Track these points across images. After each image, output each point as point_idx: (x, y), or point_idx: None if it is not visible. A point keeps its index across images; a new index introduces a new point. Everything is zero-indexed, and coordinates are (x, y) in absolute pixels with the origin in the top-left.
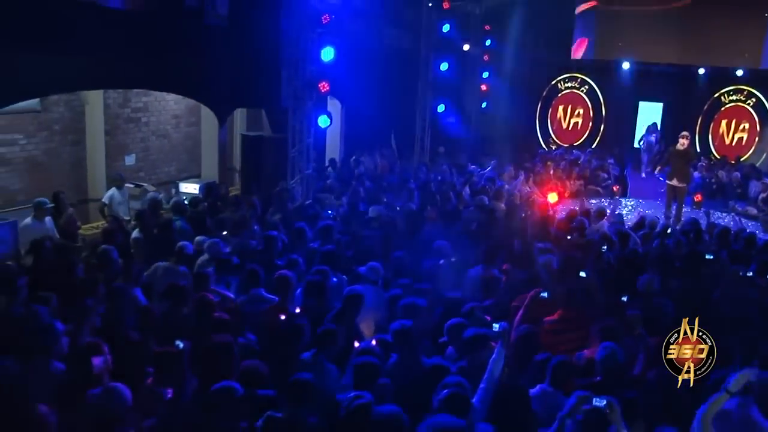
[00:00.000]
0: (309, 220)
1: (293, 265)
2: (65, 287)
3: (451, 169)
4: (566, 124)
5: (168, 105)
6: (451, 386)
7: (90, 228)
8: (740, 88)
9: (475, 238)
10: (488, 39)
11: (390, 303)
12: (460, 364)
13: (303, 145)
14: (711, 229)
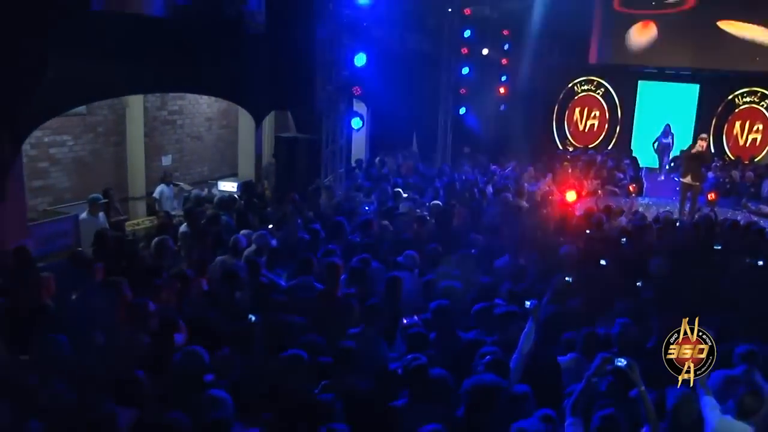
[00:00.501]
0: (346, 216)
1: (331, 255)
2: (131, 273)
3: (474, 169)
4: (583, 126)
5: (201, 108)
6: (491, 354)
7: (131, 224)
8: (754, 90)
9: (499, 231)
10: (506, 43)
11: (426, 287)
12: (494, 338)
13: (336, 145)
14: (722, 224)
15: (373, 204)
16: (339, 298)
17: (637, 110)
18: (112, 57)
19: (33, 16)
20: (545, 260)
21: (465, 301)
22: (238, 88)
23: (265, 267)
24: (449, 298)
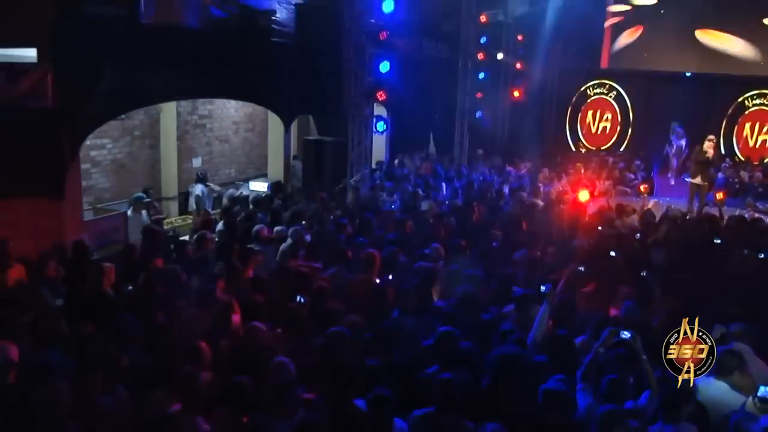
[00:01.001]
0: (373, 213)
1: (363, 248)
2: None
3: (491, 170)
4: (595, 129)
5: (229, 113)
6: (509, 331)
7: (167, 222)
8: (764, 92)
9: (515, 228)
10: (521, 48)
11: (450, 276)
12: (513, 317)
13: (361, 147)
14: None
15: (396, 202)
16: (377, 284)
17: (650, 112)
18: (157, 66)
19: (90, 30)
20: (559, 253)
21: (488, 289)
22: (268, 94)
23: (301, 259)
24: (473, 284)
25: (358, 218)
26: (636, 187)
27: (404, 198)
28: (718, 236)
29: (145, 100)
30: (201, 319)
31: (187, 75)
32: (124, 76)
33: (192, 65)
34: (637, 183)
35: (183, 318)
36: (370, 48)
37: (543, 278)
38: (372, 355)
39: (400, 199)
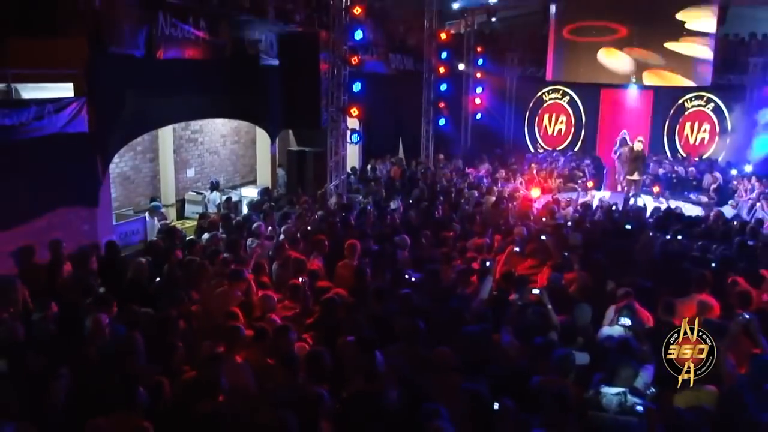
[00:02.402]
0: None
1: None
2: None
3: (453, 172)
4: (551, 131)
5: (217, 127)
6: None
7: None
8: (701, 95)
9: (470, 221)
10: (480, 58)
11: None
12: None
13: (338, 156)
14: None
15: (370, 204)
16: (357, 266)
17: (600, 115)
18: (168, 94)
19: (115, 67)
20: (503, 239)
21: (448, 267)
22: (257, 112)
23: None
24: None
25: (339, 217)
26: (583, 184)
27: (376, 198)
28: (633, 221)
29: (159, 123)
30: (230, 294)
31: (192, 99)
32: (142, 104)
33: (195, 91)
34: (585, 180)
35: (215, 294)
36: (343, 70)
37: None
38: (357, 312)
39: (373, 199)
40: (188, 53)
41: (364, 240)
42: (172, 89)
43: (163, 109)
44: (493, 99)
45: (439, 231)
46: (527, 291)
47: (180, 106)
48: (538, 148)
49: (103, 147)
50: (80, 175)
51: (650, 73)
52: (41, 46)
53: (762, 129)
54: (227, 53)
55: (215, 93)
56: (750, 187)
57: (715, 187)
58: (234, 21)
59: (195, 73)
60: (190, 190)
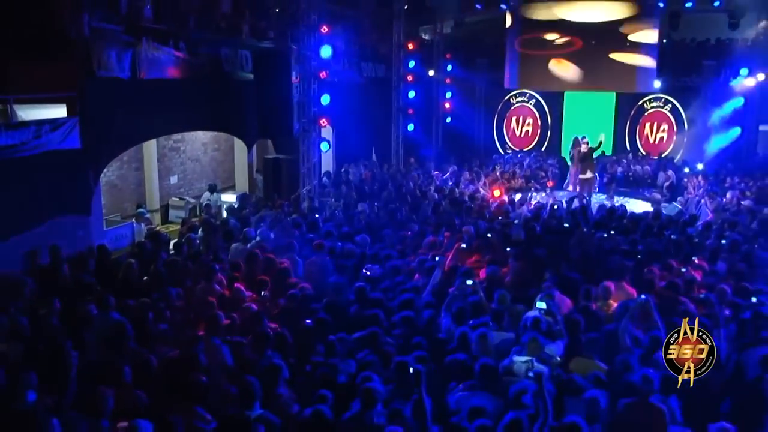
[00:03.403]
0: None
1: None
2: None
3: (420, 175)
4: (519, 132)
5: (198, 136)
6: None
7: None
8: (659, 96)
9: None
10: (449, 64)
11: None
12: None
13: (310, 163)
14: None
15: (341, 206)
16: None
17: (565, 117)
18: (152, 111)
19: (103, 89)
20: (453, 236)
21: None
22: (233, 123)
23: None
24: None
25: (310, 219)
26: (544, 183)
27: (346, 201)
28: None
29: (145, 137)
30: (209, 289)
31: (174, 114)
32: (129, 120)
33: (177, 107)
34: (545, 180)
35: (197, 289)
36: (313, 84)
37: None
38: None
39: (343, 202)
40: (169, 72)
41: (331, 239)
42: (156, 106)
43: (148, 125)
44: (463, 103)
45: (399, 231)
46: (463, 282)
47: (163, 121)
48: (507, 149)
49: (95, 161)
50: (74, 186)
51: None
52: (37, 71)
53: (715, 128)
54: (205, 70)
55: (196, 107)
56: (697, 183)
57: (668, 185)
58: (211, 41)
59: (176, 90)
60: (174, 196)
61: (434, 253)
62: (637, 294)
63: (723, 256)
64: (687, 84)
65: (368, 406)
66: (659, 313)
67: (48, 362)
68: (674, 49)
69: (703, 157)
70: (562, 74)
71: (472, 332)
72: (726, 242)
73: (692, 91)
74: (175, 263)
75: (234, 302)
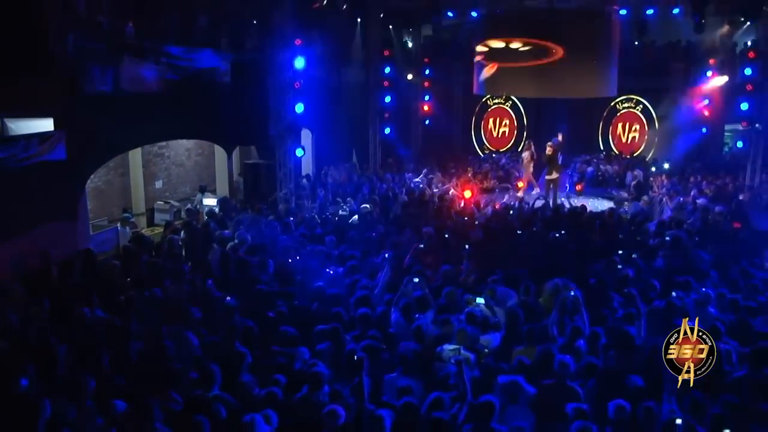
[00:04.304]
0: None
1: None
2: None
3: (394, 177)
4: (496, 133)
5: (182, 142)
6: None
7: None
8: (630, 97)
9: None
10: (427, 69)
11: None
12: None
13: (286, 168)
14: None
15: (317, 208)
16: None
17: (540, 118)
18: (135, 122)
19: (88, 103)
20: (416, 236)
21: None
22: (213, 131)
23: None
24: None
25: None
26: (515, 184)
27: (322, 204)
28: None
29: (128, 147)
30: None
31: (155, 124)
32: (112, 131)
33: (158, 117)
34: (515, 180)
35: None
36: (289, 93)
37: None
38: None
39: (319, 205)
40: (150, 85)
41: (301, 242)
42: (138, 117)
43: (131, 135)
44: (442, 105)
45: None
46: (410, 280)
47: (146, 131)
48: (485, 150)
49: (80, 170)
50: (61, 194)
51: (556, 87)
52: (25, 88)
53: (683, 128)
54: (185, 82)
55: (176, 117)
56: (661, 182)
57: (635, 184)
58: (190, 53)
59: (157, 102)
60: (159, 200)
61: (396, 252)
62: (575, 289)
63: (662, 253)
64: (657, 85)
65: (315, 387)
66: (588, 306)
67: (38, 353)
68: (645, 51)
69: (670, 157)
70: (522, 82)
71: (413, 324)
72: (669, 240)
73: (662, 92)
74: (155, 265)
75: (206, 299)
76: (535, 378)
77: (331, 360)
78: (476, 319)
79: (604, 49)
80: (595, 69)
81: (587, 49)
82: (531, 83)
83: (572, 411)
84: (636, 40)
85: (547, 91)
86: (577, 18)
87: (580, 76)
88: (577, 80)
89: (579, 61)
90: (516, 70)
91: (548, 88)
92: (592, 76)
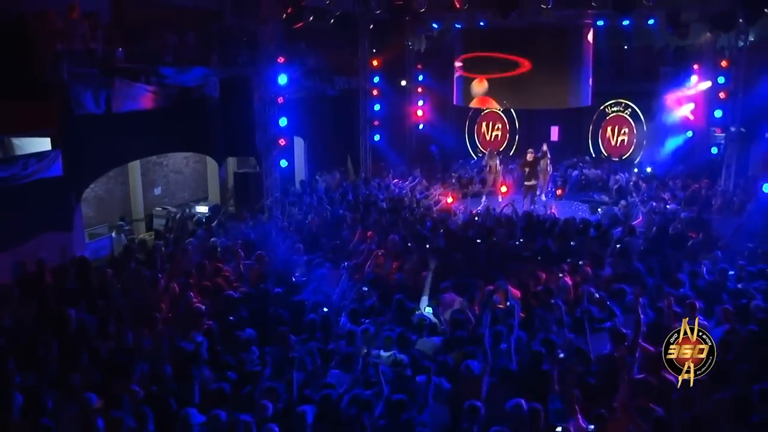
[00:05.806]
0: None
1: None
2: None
3: (380, 183)
4: (489, 137)
5: None
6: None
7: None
8: (619, 101)
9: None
10: (420, 75)
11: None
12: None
13: (272, 178)
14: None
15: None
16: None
17: (532, 122)
18: (128, 138)
19: (82, 123)
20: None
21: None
22: (204, 144)
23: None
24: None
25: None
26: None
27: (307, 210)
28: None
29: (120, 162)
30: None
31: (149, 140)
32: (105, 148)
33: (150, 132)
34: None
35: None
36: (274, 107)
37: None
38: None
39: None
40: (142, 104)
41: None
42: (130, 134)
43: (124, 150)
44: (435, 110)
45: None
46: (360, 288)
47: (138, 146)
48: (478, 153)
49: (75, 185)
50: (58, 207)
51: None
52: (23, 111)
53: (670, 132)
54: (176, 99)
55: (168, 132)
56: (640, 187)
57: (617, 188)
58: (181, 73)
59: (149, 118)
60: (157, 206)
61: (364, 259)
62: (521, 295)
63: (609, 261)
64: (646, 89)
65: (254, 384)
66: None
67: (31, 350)
68: (635, 56)
69: (660, 160)
70: (498, 94)
71: (358, 329)
72: (618, 247)
73: (651, 96)
74: (138, 272)
75: (176, 302)
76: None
77: (276, 360)
78: (421, 325)
79: (575, 62)
80: (566, 80)
81: (555, 62)
82: (506, 94)
83: (468, 407)
84: (625, 45)
85: (518, 102)
86: (547, 34)
87: (550, 87)
88: (549, 91)
89: (548, 73)
90: (496, 80)
91: (520, 99)
92: (563, 86)
